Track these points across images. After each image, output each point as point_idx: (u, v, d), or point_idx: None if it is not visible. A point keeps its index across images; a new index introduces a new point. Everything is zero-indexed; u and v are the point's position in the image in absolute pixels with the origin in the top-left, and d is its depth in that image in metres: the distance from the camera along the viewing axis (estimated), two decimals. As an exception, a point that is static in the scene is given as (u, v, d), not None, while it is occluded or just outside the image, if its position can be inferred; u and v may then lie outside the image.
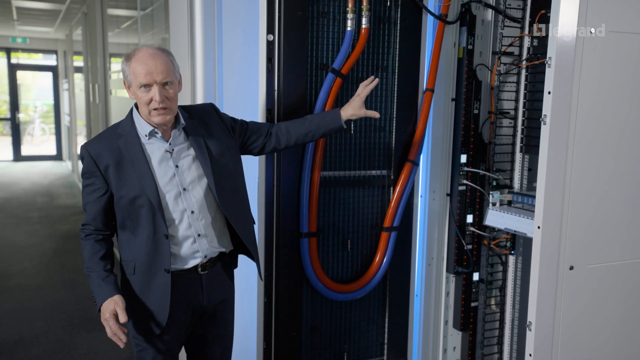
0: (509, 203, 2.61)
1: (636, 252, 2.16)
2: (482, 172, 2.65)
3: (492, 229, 2.68)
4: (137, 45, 4.78)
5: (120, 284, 1.89)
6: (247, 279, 2.51)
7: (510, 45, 2.59)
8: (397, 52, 2.44)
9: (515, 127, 2.66)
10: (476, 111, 2.63)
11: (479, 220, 2.69)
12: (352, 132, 2.42)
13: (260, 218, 2.35)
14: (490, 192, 2.59)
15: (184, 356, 2.13)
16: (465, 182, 2.66)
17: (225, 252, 2.01)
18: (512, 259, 2.74)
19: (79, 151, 2.06)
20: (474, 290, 2.74)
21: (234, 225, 1.95)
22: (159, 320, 1.87)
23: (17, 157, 12.42)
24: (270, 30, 2.22)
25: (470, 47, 2.58)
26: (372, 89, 2.19)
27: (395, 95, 2.47)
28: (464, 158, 2.64)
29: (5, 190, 9.03)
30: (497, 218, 2.54)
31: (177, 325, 1.93)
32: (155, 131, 1.85)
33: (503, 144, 2.67)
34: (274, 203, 2.32)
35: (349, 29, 2.30)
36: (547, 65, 1.92)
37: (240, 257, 2.15)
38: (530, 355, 2.03)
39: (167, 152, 1.87)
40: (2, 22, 9.78)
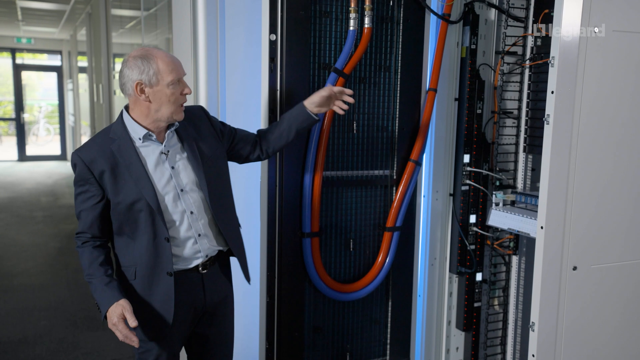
0: (512, 203, 2.60)
1: (639, 252, 2.15)
2: (485, 172, 2.64)
3: (495, 229, 2.67)
4: (140, 45, 4.79)
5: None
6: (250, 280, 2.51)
7: (514, 44, 2.58)
8: (400, 52, 2.44)
9: (518, 126, 2.65)
10: (479, 111, 2.62)
11: (482, 221, 2.68)
12: (355, 131, 2.42)
13: (262, 218, 2.35)
14: (494, 192, 2.58)
15: (184, 356, 2.13)
16: (468, 182, 2.65)
17: (223, 251, 2.03)
18: (515, 259, 2.73)
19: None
20: (477, 290, 2.73)
21: (221, 227, 1.96)
22: (163, 322, 1.87)
23: (22, 157, 12.46)
24: (272, 30, 2.22)
25: (473, 46, 2.57)
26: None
27: (398, 95, 2.46)
28: (467, 158, 2.64)
29: (9, 189, 9.07)
30: (500, 218, 2.53)
31: (180, 325, 1.93)
32: (149, 134, 1.84)
33: (506, 144, 2.67)
34: (276, 203, 2.32)
35: (351, 28, 2.30)
36: (550, 64, 1.92)
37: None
38: (533, 355, 2.02)
39: (162, 153, 1.86)
40: (7, 22, 9.82)
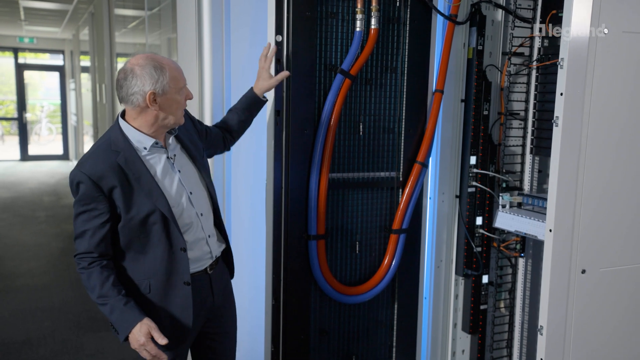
0: (518, 205, 2.59)
1: (649, 255, 2.13)
2: (491, 173, 2.63)
3: (501, 231, 2.65)
4: (144, 45, 4.78)
5: None
6: (254, 282, 2.51)
7: (521, 45, 2.56)
8: (407, 53, 2.42)
9: (525, 128, 2.63)
10: (486, 112, 2.60)
11: (489, 223, 2.66)
12: (361, 133, 2.41)
13: (268, 220, 2.34)
14: (500, 194, 2.56)
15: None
16: (474, 183, 2.64)
17: (224, 248, 2.04)
18: (521, 261, 2.72)
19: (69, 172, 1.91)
20: (483, 293, 2.72)
21: (220, 224, 2.02)
22: (181, 332, 1.84)
23: (24, 156, 12.47)
24: (278, 31, 2.20)
25: (480, 47, 2.55)
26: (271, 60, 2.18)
27: (405, 96, 2.45)
28: (473, 159, 2.62)
29: (12, 189, 9.07)
30: (507, 220, 2.51)
31: (193, 329, 1.92)
32: (157, 142, 1.81)
33: (513, 146, 2.65)
34: (282, 205, 2.31)
35: (358, 29, 2.28)
36: (559, 66, 1.90)
37: (247, 263, 2.15)
38: (541, 359, 2.01)
39: (169, 159, 1.85)
40: (9, 22, 9.82)
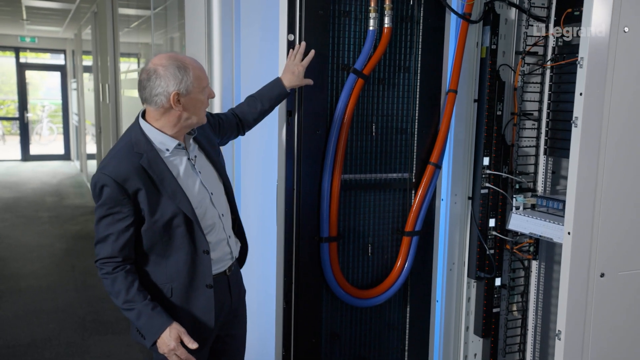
0: (532, 207, 2.55)
1: (669, 258, 2.09)
2: (504, 174, 2.59)
3: (514, 233, 2.62)
4: (149, 44, 4.74)
5: None
6: (265, 285, 2.47)
7: (535, 44, 2.52)
8: (420, 52, 2.38)
9: (538, 128, 2.59)
10: (499, 112, 2.57)
11: (502, 224, 2.63)
12: (374, 134, 2.37)
13: (279, 222, 2.30)
14: (514, 196, 2.52)
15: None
16: (487, 185, 2.60)
17: (240, 249, 2.03)
18: (535, 264, 2.68)
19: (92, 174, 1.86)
20: (495, 295, 2.68)
21: (237, 223, 2.01)
22: (202, 335, 1.82)
23: (26, 156, 12.44)
24: (290, 30, 2.16)
25: (493, 46, 2.51)
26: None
27: (418, 96, 2.41)
28: (486, 160, 2.58)
29: (14, 189, 9.04)
30: (521, 222, 2.47)
31: (213, 332, 1.90)
32: (179, 143, 1.78)
33: (526, 146, 2.61)
34: (293, 207, 2.27)
35: (371, 28, 2.24)
36: (578, 65, 1.86)
37: (258, 265, 2.12)
38: (560, 365, 1.97)
39: (189, 160, 1.82)
40: (11, 21, 9.78)
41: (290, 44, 2.17)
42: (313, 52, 2.15)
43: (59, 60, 12.74)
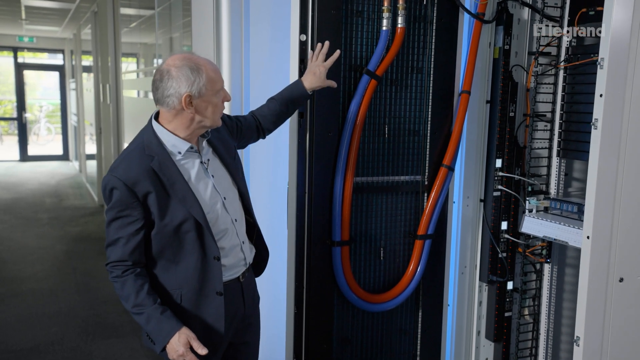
0: (545, 209, 2.51)
1: (688, 263, 2.06)
2: (517, 177, 2.55)
3: (527, 236, 2.58)
4: (153, 44, 4.69)
5: None
6: (276, 290, 2.43)
7: (548, 45, 2.49)
8: (433, 53, 2.34)
9: (551, 130, 2.56)
10: (512, 114, 2.53)
11: (514, 227, 2.59)
12: (386, 136, 2.33)
13: (290, 226, 2.26)
14: (527, 199, 2.49)
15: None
16: (500, 187, 2.56)
17: (260, 256, 1.99)
18: (547, 267, 2.64)
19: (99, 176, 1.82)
20: (507, 299, 2.64)
21: (253, 227, 1.95)
22: (213, 342, 1.77)
23: (24, 157, 12.36)
24: (303, 30, 2.12)
25: (506, 47, 2.47)
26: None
27: (430, 97, 2.37)
28: (498, 162, 2.54)
29: (12, 190, 8.97)
30: (534, 225, 2.44)
31: (225, 340, 1.85)
32: (191, 146, 1.74)
33: (539, 148, 2.57)
34: (305, 210, 2.23)
35: (384, 28, 2.20)
36: (598, 66, 1.82)
37: (268, 270, 2.08)
38: (579, 371, 1.93)
39: (202, 163, 1.78)
40: (10, 21, 9.72)
41: (302, 44, 2.13)
42: (338, 52, 2.11)
43: (57, 60, 12.67)
